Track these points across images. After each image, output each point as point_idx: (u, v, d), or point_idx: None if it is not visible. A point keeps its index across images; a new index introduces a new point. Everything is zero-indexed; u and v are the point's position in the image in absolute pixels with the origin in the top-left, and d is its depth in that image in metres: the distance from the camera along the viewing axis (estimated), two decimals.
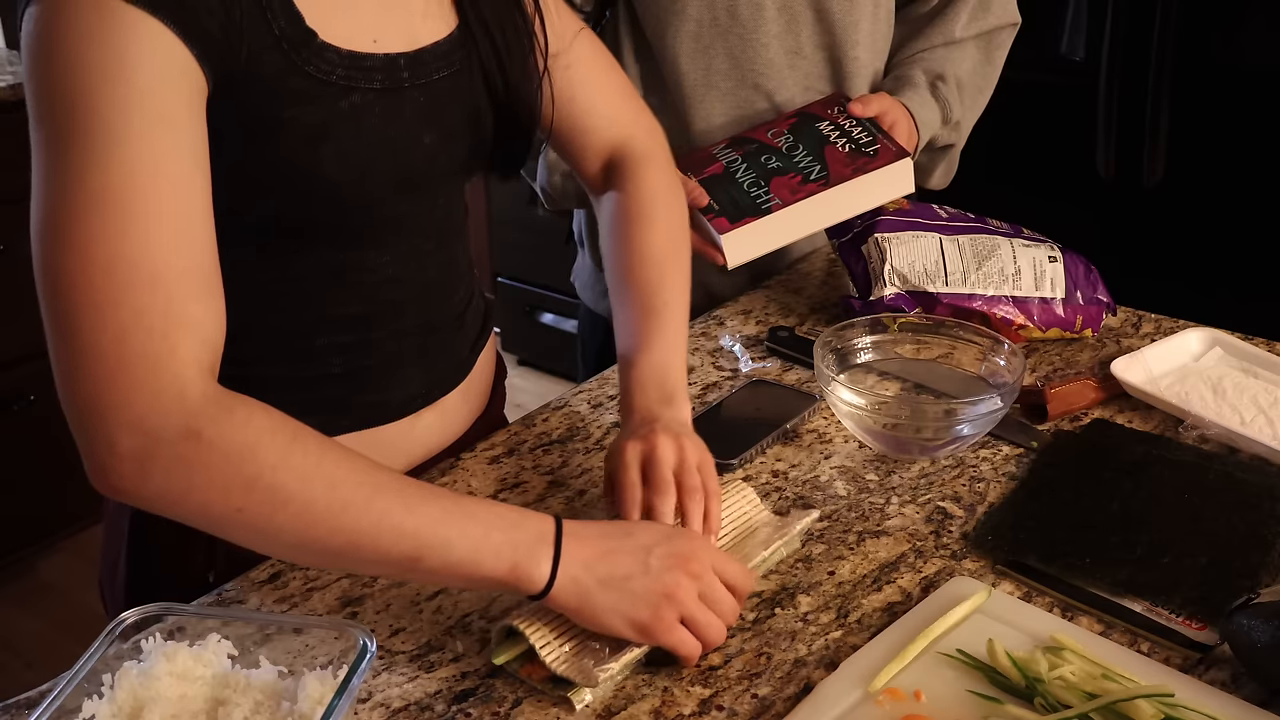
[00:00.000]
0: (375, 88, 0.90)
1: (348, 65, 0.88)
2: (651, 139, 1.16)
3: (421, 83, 0.94)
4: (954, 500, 1.06)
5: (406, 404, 1.05)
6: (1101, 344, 1.33)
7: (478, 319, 1.14)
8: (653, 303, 1.05)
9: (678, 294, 1.07)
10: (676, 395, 1.00)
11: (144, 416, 0.76)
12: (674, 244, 1.10)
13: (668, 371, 1.01)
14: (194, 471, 0.77)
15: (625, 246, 1.09)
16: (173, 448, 0.76)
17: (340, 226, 0.95)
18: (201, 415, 0.77)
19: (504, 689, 0.84)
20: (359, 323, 1.00)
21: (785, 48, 1.45)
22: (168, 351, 0.77)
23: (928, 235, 1.31)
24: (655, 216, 1.10)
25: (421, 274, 1.03)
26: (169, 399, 0.77)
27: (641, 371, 1.00)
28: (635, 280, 1.07)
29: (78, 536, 2.67)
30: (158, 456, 0.76)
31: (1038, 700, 0.80)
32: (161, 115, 0.78)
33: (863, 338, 1.21)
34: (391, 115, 0.92)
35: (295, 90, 0.86)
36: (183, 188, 0.79)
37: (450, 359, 1.09)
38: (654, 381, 1.00)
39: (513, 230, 3.35)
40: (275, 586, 0.95)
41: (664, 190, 1.13)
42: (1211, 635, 0.88)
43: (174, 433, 0.76)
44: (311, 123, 0.87)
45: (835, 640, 0.89)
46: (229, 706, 0.77)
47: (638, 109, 1.17)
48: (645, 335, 1.03)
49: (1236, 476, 1.07)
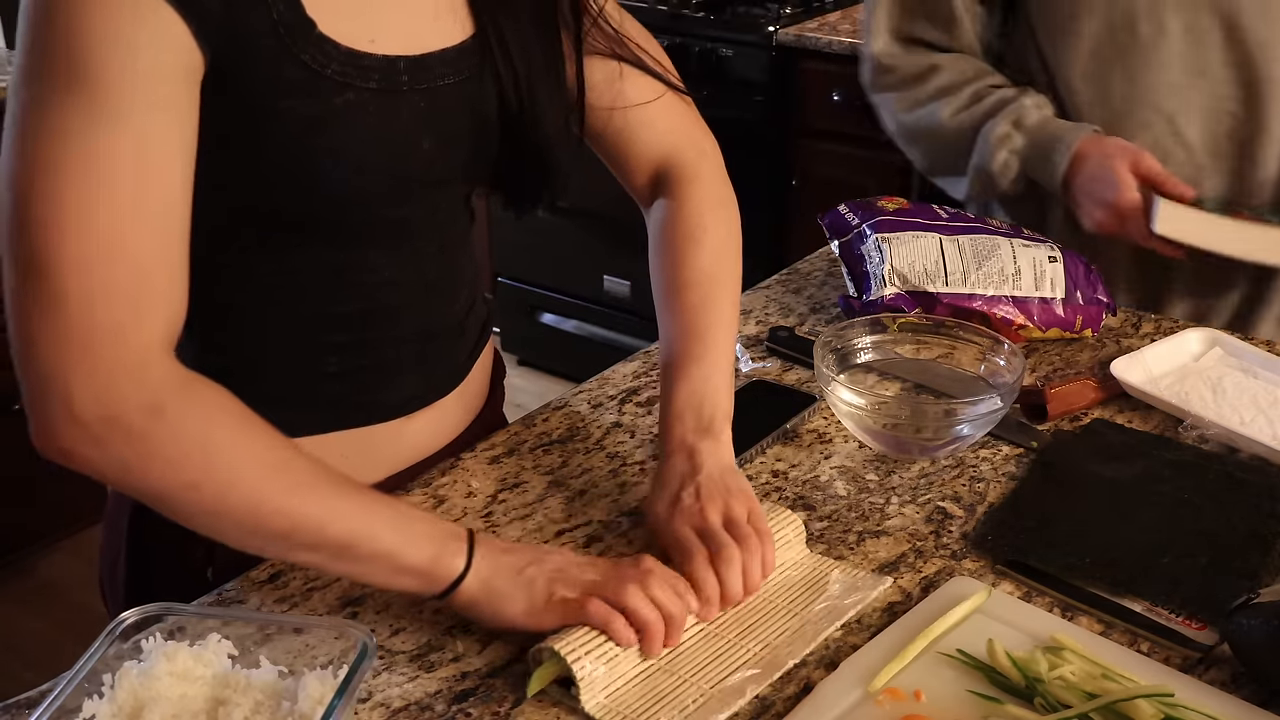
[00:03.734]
0: (371, 87, 0.89)
1: (344, 61, 0.88)
2: (703, 154, 1.12)
3: (423, 87, 0.92)
4: (954, 500, 1.06)
5: (401, 407, 1.05)
6: (1101, 344, 1.33)
7: (477, 325, 1.13)
8: (695, 327, 1.02)
9: (722, 316, 1.04)
10: (715, 422, 0.98)
11: (108, 387, 0.77)
12: (721, 264, 1.07)
13: (705, 398, 0.99)
14: (151, 445, 0.78)
15: (671, 266, 1.06)
16: (131, 420, 0.78)
17: (340, 224, 0.94)
18: (164, 390, 0.79)
19: (504, 689, 0.84)
20: (356, 323, 1.00)
21: (1188, 68, 1.35)
22: (135, 323, 0.79)
23: (928, 235, 1.31)
24: (702, 237, 1.07)
25: (421, 279, 1.02)
26: (134, 371, 0.78)
27: (679, 400, 0.99)
28: (679, 303, 1.04)
29: (78, 536, 2.67)
30: (118, 427, 0.78)
31: (1038, 700, 0.80)
32: (156, 90, 0.79)
33: (863, 338, 1.21)
34: (388, 116, 0.91)
35: (290, 80, 0.85)
36: (167, 167, 0.80)
37: (448, 365, 1.09)
38: (691, 410, 0.98)
39: (513, 230, 3.35)
40: (275, 586, 0.95)
41: (714, 206, 1.10)
42: (1211, 635, 0.88)
43: (134, 406, 0.78)
44: (306, 115, 0.87)
45: (835, 640, 0.89)
46: (229, 706, 0.77)
47: (693, 122, 1.13)
48: (685, 360, 1.01)
49: (1236, 476, 1.07)
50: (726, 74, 2.82)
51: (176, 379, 0.81)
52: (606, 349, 3.06)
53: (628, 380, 1.26)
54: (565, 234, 3.19)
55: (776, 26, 2.75)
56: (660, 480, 0.97)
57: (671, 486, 0.95)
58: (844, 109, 2.71)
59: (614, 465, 1.11)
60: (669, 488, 0.95)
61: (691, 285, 1.05)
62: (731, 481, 0.95)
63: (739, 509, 0.92)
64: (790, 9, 2.83)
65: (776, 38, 2.74)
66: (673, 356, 1.02)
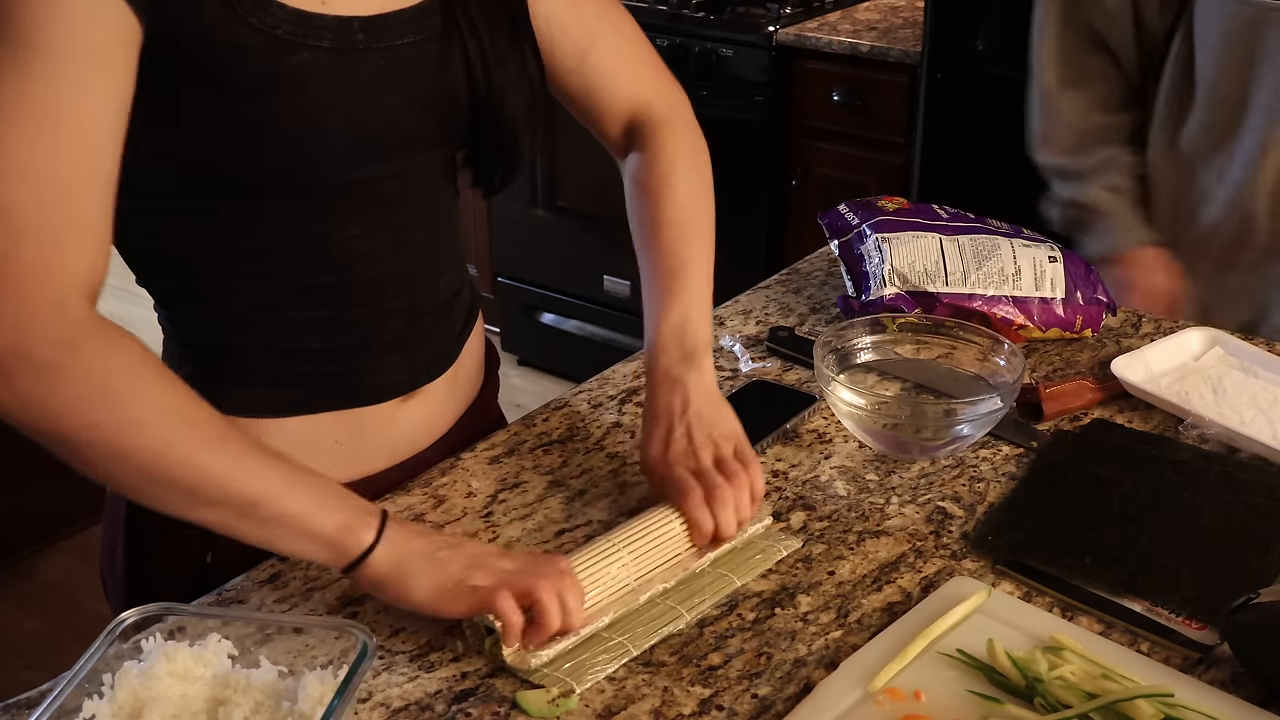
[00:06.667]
0: (325, 46, 0.90)
1: (294, 22, 0.88)
2: (674, 105, 1.15)
3: (381, 46, 0.93)
4: (954, 500, 1.06)
5: (389, 389, 1.05)
6: (1101, 344, 1.33)
7: (464, 308, 1.13)
8: (671, 264, 1.07)
9: (698, 252, 1.08)
10: (698, 352, 1.03)
11: (23, 322, 0.79)
12: (696, 206, 1.11)
13: (687, 329, 1.03)
14: (59, 380, 0.79)
15: (646, 209, 1.10)
16: (43, 353, 0.79)
17: (306, 189, 0.94)
18: (78, 328, 0.81)
19: (504, 689, 0.84)
20: (334, 297, 0.99)
21: None
22: (57, 263, 0.80)
23: (928, 235, 1.31)
24: (675, 181, 1.10)
25: (400, 252, 1.02)
26: (49, 307, 0.80)
27: (662, 332, 1.04)
28: (656, 243, 1.08)
29: (78, 536, 2.67)
30: (28, 361, 0.79)
31: (1038, 700, 0.80)
32: (86, 43, 0.80)
33: (863, 338, 1.21)
34: (346, 76, 0.91)
35: (240, 42, 0.86)
36: (98, 116, 0.82)
37: (435, 347, 1.08)
38: (674, 340, 1.03)
39: (513, 230, 3.35)
40: (275, 586, 0.95)
41: (686, 153, 1.13)
42: (1211, 635, 0.88)
43: (47, 340, 0.79)
44: (260, 77, 0.87)
45: (835, 640, 0.89)
46: (229, 706, 0.77)
47: (660, 74, 1.16)
48: (665, 295, 1.05)
49: (1236, 476, 1.07)
50: (726, 74, 2.82)
51: (92, 322, 0.82)
52: (606, 349, 3.06)
53: (628, 380, 1.26)
54: (565, 234, 3.19)
55: (776, 26, 2.75)
56: (652, 416, 1.01)
57: (663, 424, 1.00)
58: (844, 109, 2.71)
59: (614, 465, 1.11)
60: (660, 424, 1.00)
61: (668, 224, 1.09)
62: (719, 415, 1.01)
63: (726, 448, 0.99)
64: (790, 9, 2.83)
65: (776, 38, 2.74)
66: (653, 293, 1.06)
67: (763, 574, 0.96)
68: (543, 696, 0.83)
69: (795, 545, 0.99)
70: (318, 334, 1.00)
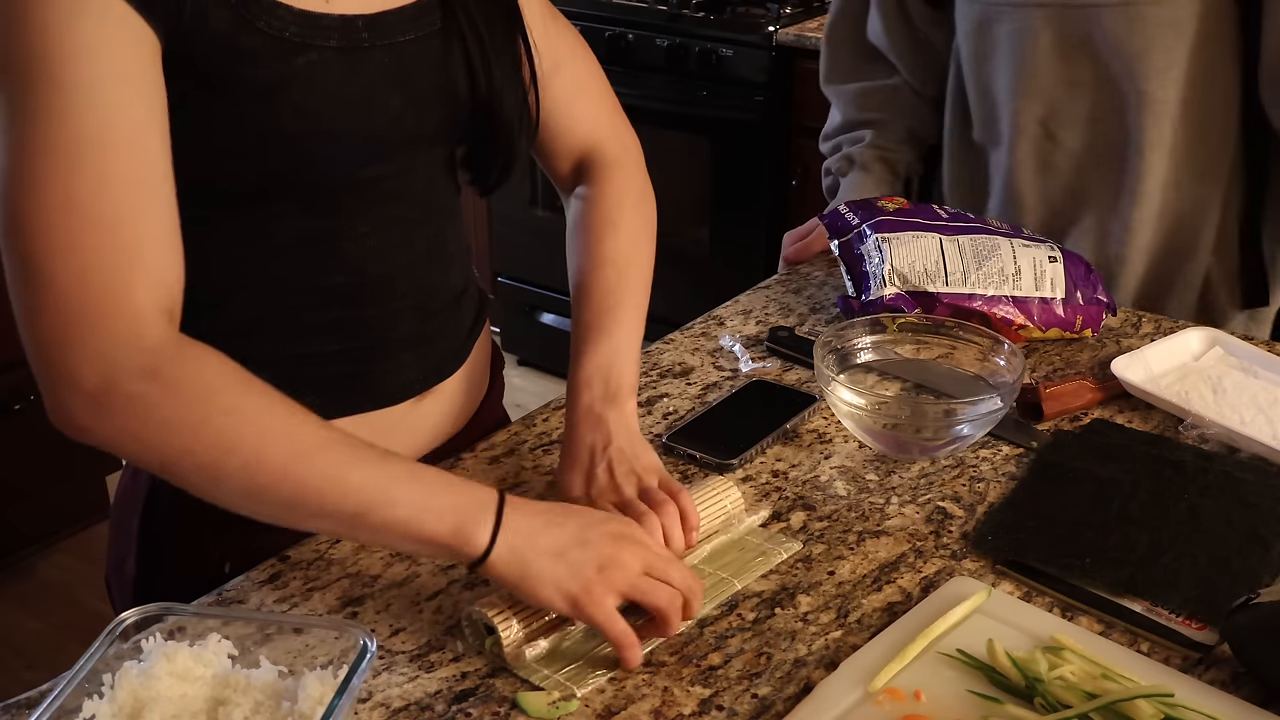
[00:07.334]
0: (332, 46, 0.90)
1: (300, 23, 0.88)
2: (626, 147, 1.16)
3: (385, 44, 0.93)
4: (954, 500, 1.06)
5: (405, 388, 1.05)
6: (1101, 344, 1.33)
7: (473, 304, 1.13)
8: (606, 302, 1.05)
9: (633, 294, 1.07)
10: (621, 392, 1.01)
11: (104, 353, 0.79)
12: (637, 249, 1.10)
13: (613, 368, 1.02)
14: (150, 410, 0.79)
15: (586, 248, 1.09)
16: (131, 384, 0.79)
17: (313, 189, 0.94)
18: (159, 354, 0.80)
19: (504, 689, 0.84)
20: (347, 297, 1.00)
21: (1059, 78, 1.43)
22: (125, 288, 0.80)
23: (927, 235, 1.31)
24: (619, 221, 1.10)
25: (408, 248, 1.02)
26: (127, 335, 0.79)
27: (587, 369, 1.02)
28: (592, 281, 1.07)
29: (78, 536, 2.67)
30: (116, 393, 0.79)
31: (1038, 700, 0.80)
32: (111, 69, 0.80)
33: (863, 338, 1.21)
34: (352, 74, 0.92)
35: (248, 47, 0.86)
36: (136, 137, 0.81)
37: (446, 345, 1.09)
38: (599, 378, 1.01)
39: (513, 230, 3.35)
40: (275, 586, 0.95)
41: (633, 194, 1.13)
42: (1211, 635, 0.88)
43: (132, 370, 0.79)
44: (267, 79, 0.87)
45: (835, 640, 0.89)
46: (229, 706, 0.77)
47: (617, 119, 1.16)
48: (595, 332, 1.04)
49: (1236, 476, 1.07)
50: (726, 74, 2.82)
51: (172, 344, 0.81)
52: None
53: None
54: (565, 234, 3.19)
55: (776, 26, 2.75)
56: (570, 453, 0.99)
57: (583, 459, 0.98)
58: None
59: None
60: (580, 461, 0.98)
61: (607, 263, 1.08)
62: (639, 451, 0.98)
63: (651, 480, 0.96)
64: (790, 9, 2.83)
65: (776, 38, 2.74)
66: (583, 328, 1.05)
67: (762, 574, 0.96)
68: (543, 699, 0.83)
69: (795, 548, 0.99)
70: (332, 336, 1.00)
